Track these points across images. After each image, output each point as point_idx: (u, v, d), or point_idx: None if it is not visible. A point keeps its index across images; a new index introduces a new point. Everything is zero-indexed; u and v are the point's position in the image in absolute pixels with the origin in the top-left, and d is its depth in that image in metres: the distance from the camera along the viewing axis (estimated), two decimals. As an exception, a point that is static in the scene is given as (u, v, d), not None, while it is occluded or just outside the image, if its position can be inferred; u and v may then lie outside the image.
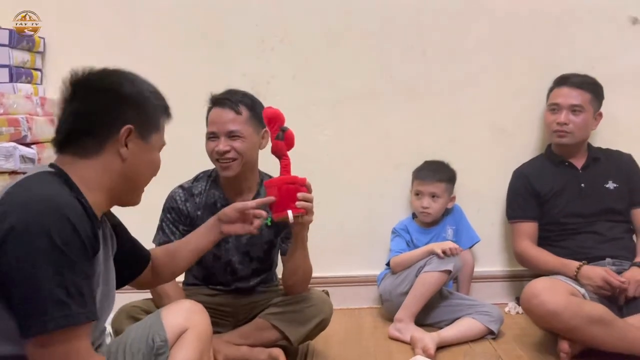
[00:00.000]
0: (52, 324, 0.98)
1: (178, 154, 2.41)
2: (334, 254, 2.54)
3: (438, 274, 2.15)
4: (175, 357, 1.23)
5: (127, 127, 1.16)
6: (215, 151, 1.84)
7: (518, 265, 2.53)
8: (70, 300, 1.00)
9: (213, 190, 1.94)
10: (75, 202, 1.07)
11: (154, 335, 1.23)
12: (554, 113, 2.28)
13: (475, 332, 2.11)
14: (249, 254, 1.96)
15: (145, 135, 1.20)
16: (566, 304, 1.81)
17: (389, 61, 2.54)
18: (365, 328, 2.32)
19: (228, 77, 2.41)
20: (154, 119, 1.23)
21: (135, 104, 1.19)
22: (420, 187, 2.41)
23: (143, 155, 1.21)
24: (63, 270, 1.00)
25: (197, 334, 1.26)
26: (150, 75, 2.62)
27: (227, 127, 1.83)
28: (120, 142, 1.16)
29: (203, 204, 1.92)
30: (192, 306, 1.33)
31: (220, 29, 2.51)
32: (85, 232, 1.04)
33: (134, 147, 1.18)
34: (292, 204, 1.61)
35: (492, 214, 2.56)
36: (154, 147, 1.24)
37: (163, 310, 1.31)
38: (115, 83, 1.19)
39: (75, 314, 1.00)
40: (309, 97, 2.53)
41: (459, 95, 2.55)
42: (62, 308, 0.99)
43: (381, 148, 2.56)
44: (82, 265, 1.03)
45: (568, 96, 2.25)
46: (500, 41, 2.53)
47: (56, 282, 0.99)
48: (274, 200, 1.61)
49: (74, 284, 1.01)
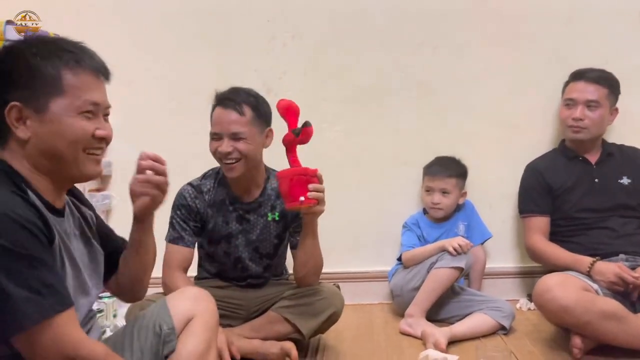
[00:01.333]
0: (28, 321, 0.97)
1: (191, 149, 2.46)
2: (345, 250, 2.55)
3: (450, 270, 2.15)
4: (182, 346, 1.24)
5: (11, 106, 1.05)
6: (218, 151, 1.84)
7: (530, 261, 2.52)
8: (37, 295, 0.97)
9: (221, 188, 1.95)
10: (12, 196, 1.01)
11: (161, 323, 1.24)
12: (569, 108, 2.26)
13: (486, 328, 2.10)
14: (258, 250, 1.98)
15: (41, 106, 1.06)
16: (578, 299, 1.80)
17: (400, 57, 2.53)
18: (376, 323, 2.32)
19: (240, 73, 2.44)
20: (47, 83, 1.07)
21: (15, 78, 1.06)
22: (430, 183, 2.40)
23: (49, 127, 1.07)
24: (21, 268, 0.97)
25: (204, 322, 1.27)
26: (162, 72, 2.67)
27: (230, 129, 1.82)
28: (12, 124, 1.06)
29: (212, 202, 1.94)
30: (198, 293, 1.34)
31: (232, 26, 2.52)
32: (32, 223, 0.99)
33: (33, 123, 1.07)
34: (304, 195, 1.65)
35: (504, 209, 2.55)
36: (59, 114, 1.07)
37: (169, 297, 1.31)
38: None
39: (47, 306, 0.98)
40: (320, 93, 2.54)
41: (470, 91, 2.54)
42: (33, 304, 0.97)
43: (391, 144, 2.56)
44: (39, 257, 0.99)
45: (584, 91, 2.23)
46: (511, 37, 2.52)
47: (17, 282, 0.96)
48: (286, 191, 1.65)
49: (37, 278, 0.98)
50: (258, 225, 1.96)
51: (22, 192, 1.03)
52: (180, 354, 1.23)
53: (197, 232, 1.95)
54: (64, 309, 1.01)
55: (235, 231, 1.96)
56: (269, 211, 1.96)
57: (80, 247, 1.19)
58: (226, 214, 1.95)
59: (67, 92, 1.08)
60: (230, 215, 1.95)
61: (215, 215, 1.94)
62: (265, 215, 1.96)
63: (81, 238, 1.20)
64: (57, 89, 1.07)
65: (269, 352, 1.85)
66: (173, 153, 2.46)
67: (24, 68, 1.06)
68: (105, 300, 2.22)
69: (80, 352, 1.02)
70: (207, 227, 1.95)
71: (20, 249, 0.96)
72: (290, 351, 1.80)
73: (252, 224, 1.96)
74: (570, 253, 2.12)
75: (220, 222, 1.95)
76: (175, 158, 2.46)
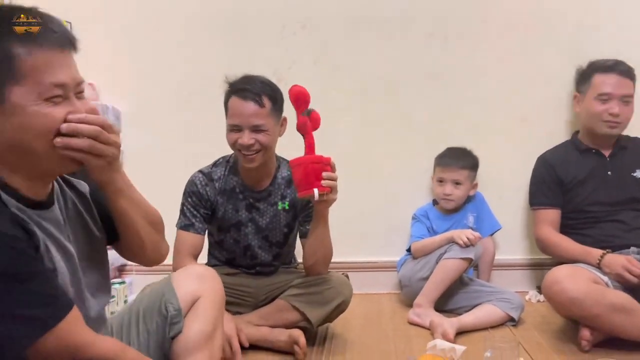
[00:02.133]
0: (31, 338, 0.93)
1: (200, 138, 2.47)
2: (354, 240, 2.56)
3: (459, 261, 2.15)
4: (189, 328, 1.23)
5: None
6: (239, 144, 1.82)
7: (539, 253, 2.51)
8: (35, 308, 0.93)
9: (232, 176, 1.96)
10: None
11: (167, 304, 1.23)
12: (604, 103, 2.19)
13: (495, 319, 2.10)
14: (268, 239, 1.99)
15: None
16: (588, 292, 1.79)
17: (411, 47, 2.52)
18: (384, 313, 2.33)
19: (250, 63, 2.44)
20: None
21: None
22: (442, 174, 2.40)
23: (11, 121, 0.94)
24: (11, 288, 0.91)
25: (210, 302, 1.26)
26: (173, 60, 2.68)
27: (251, 121, 1.80)
28: None
29: (222, 190, 1.95)
30: (204, 271, 1.32)
31: (243, 14, 2.52)
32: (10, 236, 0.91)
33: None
34: (318, 183, 1.65)
35: (514, 201, 2.54)
36: (19, 104, 0.93)
37: (174, 276, 1.29)
38: None
39: (47, 317, 0.95)
40: (330, 82, 2.53)
41: (480, 82, 2.53)
42: (33, 320, 0.93)
43: (401, 134, 2.56)
44: (27, 270, 0.93)
45: (620, 85, 2.18)
46: (524, 28, 2.50)
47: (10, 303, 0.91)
48: (299, 179, 1.65)
49: (29, 292, 0.93)
50: (268, 214, 1.97)
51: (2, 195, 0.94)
52: (187, 336, 1.23)
53: (208, 219, 1.96)
54: (65, 314, 0.97)
55: (244, 219, 1.97)
56: (279, 200, 1.97)
57: (74, 229, 1.12)
58: (236, 202, 1.96)
59: (26, 77, 0.92)
60: (240, 204, 1.96)
61: (225, 203, 1.95)
62: (275, 204, 1.97)
63: (77, 222, 1.13)
64: (12, 75, 0.92)
65: (277, 340, 1.86)
66: (184, 141, 2.53)
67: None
68: (116, 286, 2.25)
69: (91, 353, 1.00)
70: (216, 214, 1.96)
71: (6, 269, 0.90)
72: (298, 339, 1.81)
73: (261, 213, 1.97)
74: (580, 245, 2.11)
75: (230, 210, 1.96)
76: (186, 146, 2.52)
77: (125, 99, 2.53)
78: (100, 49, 2.47)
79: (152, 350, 1.24)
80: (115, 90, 2.49)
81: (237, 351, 1.75)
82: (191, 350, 1.23)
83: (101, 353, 1.01)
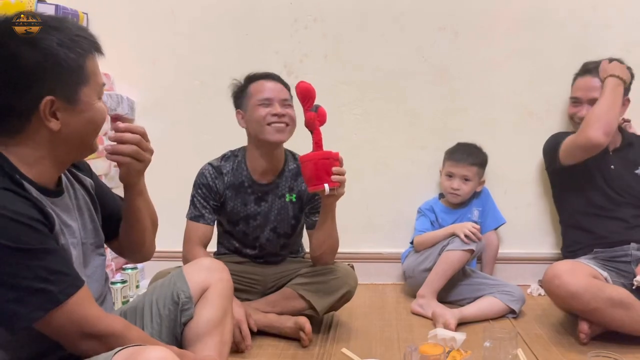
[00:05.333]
0: (42, 310, 1.00)
1: (213, 127, 2.53)
2: (360, 231, 2.61)
3: (461, 252, 2.19)
4: (200, 315, 1.31)
5: (46, 101, 1.04)
6: (271, 114, 1.89)
7: (543, 248, 2.57)
8: (47, 283, 1.00)
9: (240, 170, 2.01)
10: (4, 192, 1.00)
11: (179, 292, 1.31)
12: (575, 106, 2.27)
13: (496, 311, 2.15)
14: (276, 230, 2.05)
15: (72, 98, 1.07)
16: (587, 286, 1.83)
17: (421, 42, 2.55)
18: (388, 303, 2.38)
19: (262, 55, 2.49)
20: (75, 74, 1.06)
21: (44, 72, 1.03)
22: (452, 168, 2.43)
23: (78, 118, 1.08)
24: (25, 262, 0.98)
25: (219, 292, 1.34)
26: (186, 52, 2.72)
27: (281, 95, 1.93)
28: (45, 117, 1.05)
29: (231, 184, 2.00)
30: (213, 264, 1.40)
31: (256, 8, 2.56)
32: (28, 217, 0.99)
33: (64, 115, 1.06)
34: (328, 178, 1.72)
35: (519, 196, 2.58)
36: (88, 102, 1.09)
37: (185, 268, 1.38)
38: (12, 55, 1.02)
39: (58, 292, 1.01)
40: (340, 76, 2.57)
41: (489, 77, 2.56)
42: (45, 293, 0.99)
43: (409, 128, 2.60)
44: (42, 247, 1.00)
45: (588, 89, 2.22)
46: (534, 24, 2.52)
47: (25, 275, 0.98)
48: (310, 174, 1.72)
49: (44, 267, 1.00)
50: (276, 206, 2.03)
51: (16, 186, 1.02)
52: (198, 322, 1.31)
53: (217, 210, 2.02)
54: (76, 290, 1.03)
55: (253, 212, 2.02)
56: (286, 192, 2.02)
57: (82, 219, 1.20)
58: (245, 195, 2.01)
59: (90, 79, 1.09)
60: (248, 197, 2.01)
61: (234, 197, 2.00)
62: (282, 196, 2.02)
63: (83, 209, 1.22)
64: (82, 78, 1.07)
65: (284, 326, 1.93)
66: (196, 131, 2.58)
67: (51, 60, 1.03)
68: (129, 271, 2.32)
69: (98, 328, 1.06)
70: (225, 207, 2.01)
71: (21, 244, 0.97)
72: (304, 325, 1.87)
73: (269, 205, 2.02)
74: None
75: (239, 204, 2.01)
76: (198, 136, 2.57)
77: (139, 90, 2.58)
78: (115, 40, 2.51)
79: (164, 335, 1.31)
80: (129, 80, 2.55)
81: (246, 335, 1.82)
82: (201, 335, 1.30)
83: (108, 329, 1.07)
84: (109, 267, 2.29)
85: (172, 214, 1.91)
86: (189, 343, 1.30)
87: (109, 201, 1.34)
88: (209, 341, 1.30)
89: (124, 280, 2.20)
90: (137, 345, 1.02)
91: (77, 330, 1.04)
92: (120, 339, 1.07)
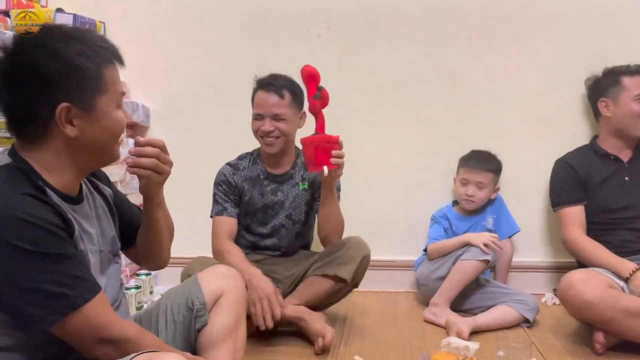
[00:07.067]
0: (56, 316, 1.01)
1: (227, 134, 2.55)
2: (372, 238, 2.55)
3: (476, 262, 2.18)
4: (214, 321, 1.32)
5: (62, 107, 1.06)
6: (261, 130, 2.05)
7: (557, 256, 2.54)
8: (65, 287, 1.01)
9: (256, 165, 2.16)
10: (26, 198, 1.02)
11: (193, 298, 1.32)
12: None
13: (510, 320, 2.13)
14: (291, 217, 2.15)
15: (89, 105, 1.09)
16: (602, 296, 1.81)
17: (434, 49, 2.56)
18: (400, 311, 2.37)
19: (276, 63, 2.49)
20: (92, 83, 1.09)
21: (62, 80, 1.06)
22: (467, 175, 2.42)
23: (95, 125, 1.10)
24: (44, 266, 1.00)
25: (233, 299, 1.35)
26: (200, 59, 2.76)
27: (272, 110, 2.03)
28: (61, 124, 1.07)
29: (247, 177, 2.14)
30: (227, 271, 1.42)
31: (269, 16, 2.58)
32: (48, 222, 1.01)
33: (81, 122, 1.08)
34: (327, 160, 1.85)
35: (533, 204, 2.56)
36: (105, 110, 1.11)
37: (200, 275, 1.39)
38: (34, 64, 1.06)
39: (76, 297, 1.02)
40: (353, 83, 2.58)
41: (502, 84, 2.55)
42: (62, 297, 1.01)
43: (422, 135, 2.60)
44: (61, 252, 1.02)
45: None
46: (547, 30, 2.51)
47: (43, 279, 1.00)
48: (310, 156, 1.84)
49: (62, 272, 1.01)
50: (291, 195, 2.14)
51: (38, 192, 1.04)
52: (211, 329, 1.32)
53: (237, 204, 2.13)
54: (93, 296, 1.05)
55: (270, 202, 2.13)
56: (300, 181, 2.15)
57: (101, 227, 1.23)
58: (261, 187, 2.14)
59: (108, 88, 1.11)
60: (265, 188, 2.14)
61: (251, 189, 2.13)
62: (296, 185, 2.15)
63: (102, 218, 1.25)
64: (100, 86, 1.10)
65: (311, 324, 1.92)
66: (211, 137, 2.61)
67: (69, 69, 1.06)
68: (143, 277, 2.34)
69: (113, 333, 1.07)
70: (244, 199, 2.13)
71: (41, 248, 0.99)
72: (326, 334, 1.87)
73: (285, 194, 2.14)
74: (611, 254, 2.05)
75: (257, 195, 2.13)
76: (213, 141, 2.59)
77: (154, 97, 2.62)
78: (130, 48, 2.53)
79: (179, 341, 1.32)
80: (144, 88, 2.58)
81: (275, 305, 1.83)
82: (215, 342, 1.31)
83: (123, 334, 1.08)
84: (123, 272, 2.31)
85: (186, 220, 1.92)
86: (202, 350, 1.31)
87: (126, 210, 1.36)
88: (222, 348, 1.31)
89: (138, 286, 2.22)
90: (152, 352, 1.03)
91: (92, 335, 1.05)
92: (134, 344, 1.08)
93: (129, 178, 2.37)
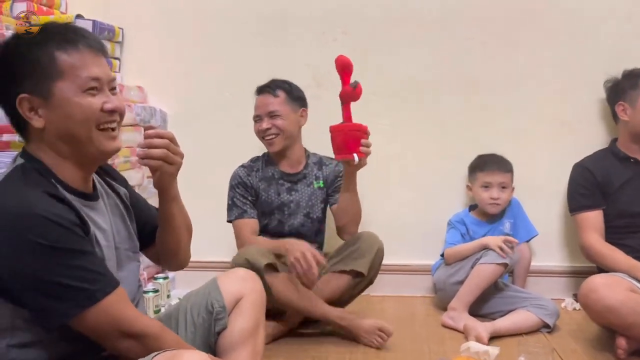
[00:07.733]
0: (80, 308, 1.03)
1: (244, 138, 2.56)
2: (389, 242, 2.54)
3: (494, 266, 2.16)
4: (233, 324, 1.32)
5: (20, 99, 1.08)
6: (260, 130, 2.16)
7: (577, 261, 2.51)
8: (84, 282, 1.03)
9: (269, 166, 2.23)
10: (45, 196, 1.04)
11: (213, 301, 1.32)
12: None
13: (529, 325, 2.11)
14: (309, 215, 2.21)
15: (46, 93, 1.08)
16: (624, 300, 1.79)
17: (449, 52, 2.55)
18: (418, 315, 2.36)
19: (291, 67, 2.51)
20: (44, 69, 1.08)
21: (16, 71, 1.09)
22: (488, 178, 2.38)
23: (57, 113, 1.09)
24: (64, 261, 1.02)
25: (252, 302, 1.35)
26: (216, 64, 2.78)
27: (267, 109, 2.15)
28: (25, 116, 1.08)
29: (262, 177, 2.21)
30: (246, 274, 1.42)
31: (285, 21, 2.59)
32: (64, 219, 1.03)
33: (45, 112, 1.09)
34: (357, 148, 1.88)
35: (551, 208, 2.54)
36: (64, 97, 1.09)
37: (219, 277, 1.40)
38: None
39: (95, 291, 1.04)
40: (368, 87, 2.51)
41: (519, 88, 2.53)
42: (82, 291, 1.03)
43: (438, 139, 2.58)
44: (79, 248, 1.04)
45: None
46: (564, 33, 2.49)
47: (63, 274, 1.02)
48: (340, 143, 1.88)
49: (81, 267, 1.04)
50: (306, 193, 2.21)
51: (53, 190, 1.07)
52: (231, 332, 1.32)
53: (255, 204, 2.17)
54: (112, 290, 1.06)
55: (286, 201, 2.19)
56: (313, 180, 2.23)
57: (117, 225, 1.24)
58: (277, 186, 2.20)
59: (66, 73, 1.08)
60: (280, 188, 2.20)
61: (266, 188, 2.17)
62: (311, 184, 2.22)
63: (117, 216, 1.26)
64: (55, 72, 1.08)
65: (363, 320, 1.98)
66: (228, 141, 2.62)
67: (22, 60, 1.08)
68: (160, 281, 2.35)
69: (135, 328, 1.08)
70: (260, 199, 2.18)
71: (60, 244, 1.01)
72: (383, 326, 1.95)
73: (300, 193, 2.21)
74: (629, 259, 2.03)
75: (272, 194, 2.19)
76: (230, 146, 2.60)
77: (172, 102, 2.64)
78: (148, 54, 2.59)
79: (198, 343, 1.32)
80: (162, 93, 2.60)
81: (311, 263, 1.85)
82: (235, 345, 1.31)
83: (145, 329, 1.10)
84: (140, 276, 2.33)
85: (205, 224, 1.93)
86: (222, 352, 1.31)
87: (143, 210, 1.37)
88: (242, 351, 1.31)
89: (156, 290, 2.23)
90: (175, 350, 1.03)
91: (114, 329, 1.07)
92: (157, 340, 1.10)
93: (146, 182, 2.38)
